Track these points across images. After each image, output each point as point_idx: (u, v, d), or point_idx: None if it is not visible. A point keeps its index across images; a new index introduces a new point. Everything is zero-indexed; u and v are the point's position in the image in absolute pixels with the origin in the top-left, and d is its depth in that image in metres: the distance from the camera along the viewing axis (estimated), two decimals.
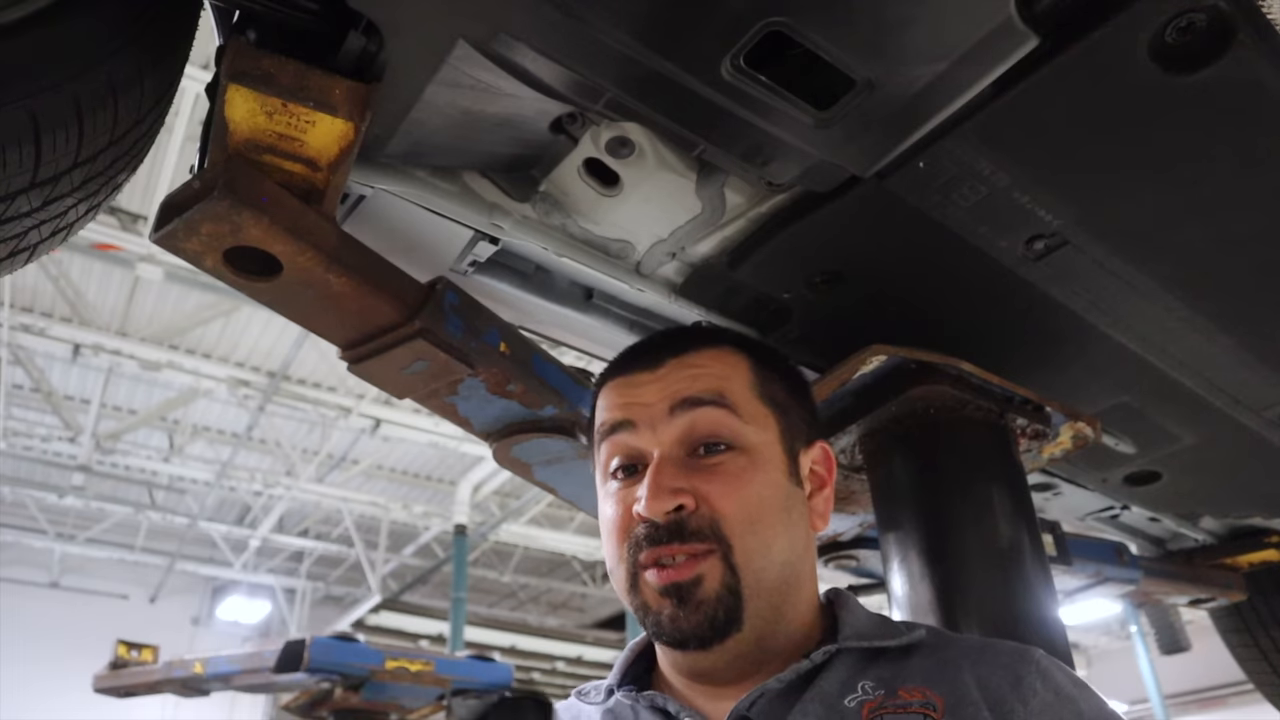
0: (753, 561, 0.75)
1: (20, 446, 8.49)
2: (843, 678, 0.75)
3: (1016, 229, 1.10)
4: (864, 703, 0.72)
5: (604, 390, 0.87)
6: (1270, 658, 2.60)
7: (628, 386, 0.84)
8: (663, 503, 0.75)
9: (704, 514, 0.75)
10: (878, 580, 1.92)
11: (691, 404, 0.79)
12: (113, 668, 5.24)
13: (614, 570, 0.80)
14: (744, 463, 0.79)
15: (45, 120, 0.79)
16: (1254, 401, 1.50)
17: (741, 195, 1.13)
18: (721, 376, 0.82)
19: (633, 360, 0.86)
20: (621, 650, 0.92)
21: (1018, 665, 0.74)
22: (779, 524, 0.79)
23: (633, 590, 0.77)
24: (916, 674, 0.75)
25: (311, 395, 7.68)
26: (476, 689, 4.67)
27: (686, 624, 0.74)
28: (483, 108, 0.96)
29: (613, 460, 0.82)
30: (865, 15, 0.80)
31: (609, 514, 0.80)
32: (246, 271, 0.94)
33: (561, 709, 0.88)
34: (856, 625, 0.80)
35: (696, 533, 0.75)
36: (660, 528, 0.75)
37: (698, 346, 0.85)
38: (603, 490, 0.84)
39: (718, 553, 0.75)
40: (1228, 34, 0.83)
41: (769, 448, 0.81)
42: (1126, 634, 12.26)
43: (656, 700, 0.79)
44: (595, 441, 0.86)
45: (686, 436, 0.79)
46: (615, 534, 0.79)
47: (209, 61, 4.08)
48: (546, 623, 13.31)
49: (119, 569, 11.53)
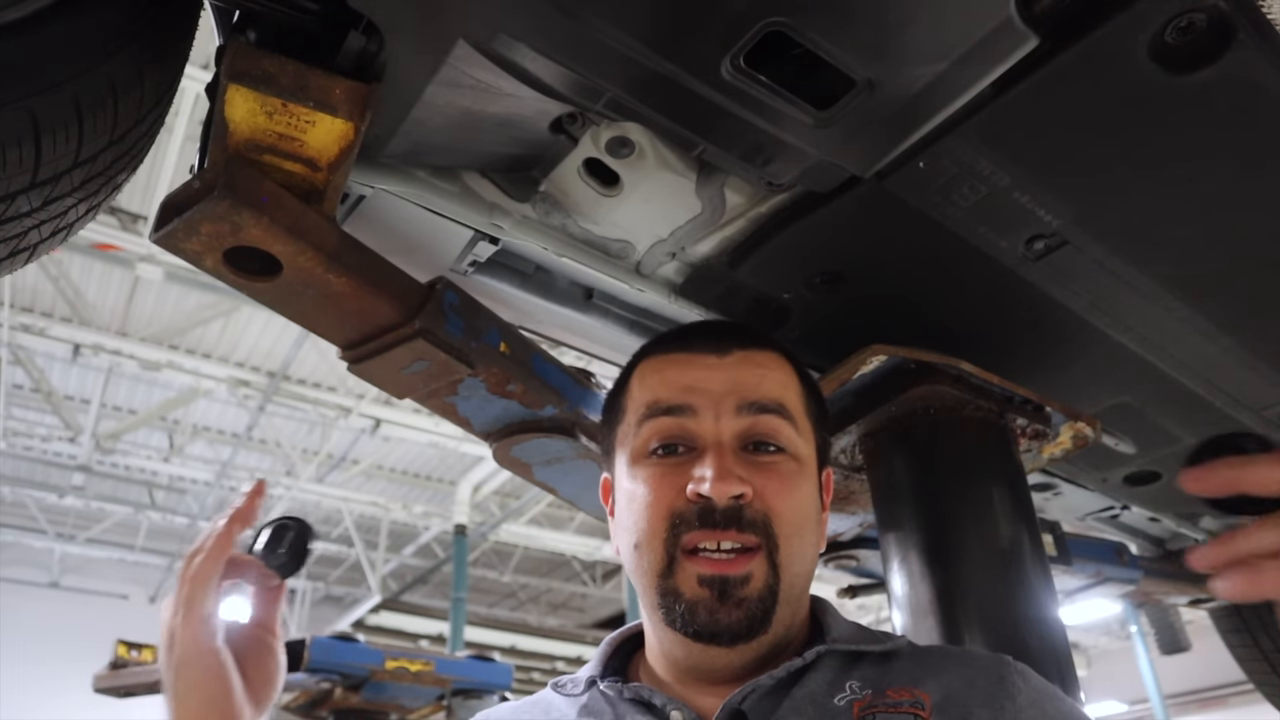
0: (792, 565, 0.77)
1: (20, 446, 8.49)
2: (828, 678, 0.76)
3: (1016, 229, 1.10)
4: (853, 701, 0.73)
5: (653, 364, 0.86)
6: (1270, 658, 2.60)
7: (688, 366, 0.83)
8: (730, 486, 0.74)
9: (759, 508, 0.76)
10: (878, 580, 1.92)
11: (760, 408, 0.80)
12: (113, 668, 5.24)
13: (644, 549, 0.77)
14: (795, 468, 0.80)
15: (45, 120, 0.79)
16: (1254, 401, 1.50)
17: (741, 195, 1.13)
18: (783, 384, 0.83)
19: (694, 340, 0.85)
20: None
21: (998, 667, 0.77)
22: (813, 533, 0.81)
23: (665, 574, 0.75)
24: (901, 676, 0.76)
25: (311, 395, 7.68)
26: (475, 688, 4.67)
27: (726, 618, 0.74)
28: (483, 108, 0.96)
29: (653, 439, 0.80)
30: (865, 15, 0.80)
31: (647, 490, 0.78)
32: (246, 271, 0.94)
33: (530, 703, 0.87)
34: (840, 630, 0.81)
35: (752, 524, 0.75)
36: (717, 511, 0.74)
37: (762, 346, 0.86)
38: (635, 467, 0.81)
39: (763, 550, 0.75)
40: (1228, 34, 0.83)
41: (811, 460, 0.83)
42: (1126, 634, 12.25)
43: (642, 693, 0.78)
44: (636, 420, 0.83)
45: (747, 433, 0.79)
46: (653, 510, 0.77)
47: (209, 61, 4.08)
48: (546, 623, 13.31)
49: (119, 569, 11.53)
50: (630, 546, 0.79)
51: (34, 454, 8.81)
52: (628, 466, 0.82)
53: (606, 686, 0.81)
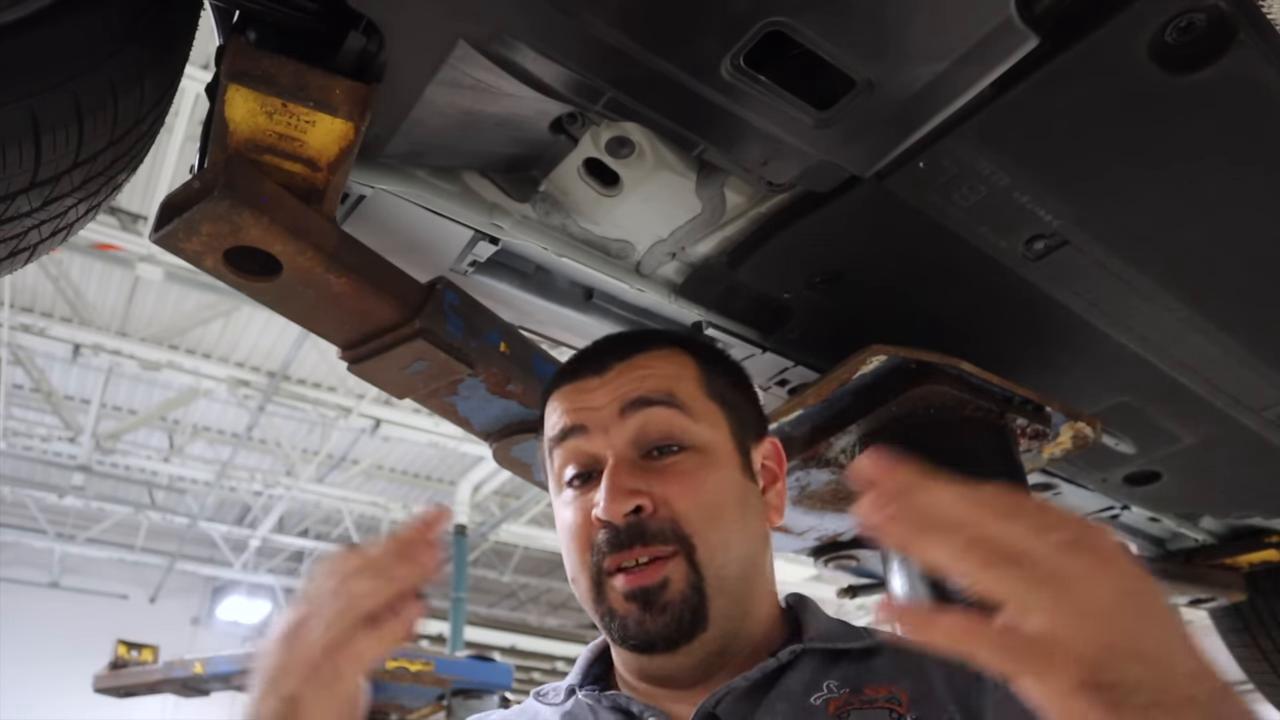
0: (714, 559, 0.75)
1: (20, 446, 8.49)
2: (806, 678, 0.75)
3: (1016, 229, 1.10)
4: (829, 700, 0.73)
5: (551, 399, 0.86)
6: (1270, 658, 2.60)
7: (576, 393, 0.83)
8: (621, 504, 0.74)
9: (663, 515, 0.75)
10: (878, 580, 1.92)
11: (641, 404, 0.79)
12: (113, 668, 5.24)
13: (577, 579, 0.79)
14: (698, 461, 0.78)
15: (45, 120, 0.79)
16: (1254, 401, 1.50)
17: (741, 195, 1.13)
18: (669, 376, 0.82)
19: (579, 367, 0.85)
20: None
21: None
22: (736, 520, 0.79)
23: (597, 598, 0.76)
24: (880, 673, 0.75)
25: (311, 395, 7.68)
26: (475, 688, 4.67)
27: (654, 626, 0.73)
28: (483, 108, 0.96)
29: (566, 469, 0.81)
30: (865, 15, 0.80)
31: (567, 521, 0.80)
32: (246, 271, 0.94)
33: (517, 712, 0.87)
34: (820, 627, 0.81)
35: (658, 534, 0.74)
36: (621, 531, 0.74)
37: (643, 349, 0.84)
38: (559, 500, 0.83)
39: (680, 554, 0.74)
40: (1228, 34, 0.83)
41: (721, 445, 0.81)
42: None
43: (619, 700, 0.78)
44: (547, 451, 0.85)
45: (639, 438, 0.79)
46: (575, 541, 0.78)
47: (209, 61, 4.08)
48: (546, 623, 13.30)
49: (119, 569, 11.53)
50: (573, 575, 0.80)
51: (34, 454, 8.80)
52: (556, 499, 0.84)
53: (585, 695, 0.82)
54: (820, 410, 1.33)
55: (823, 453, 1.42)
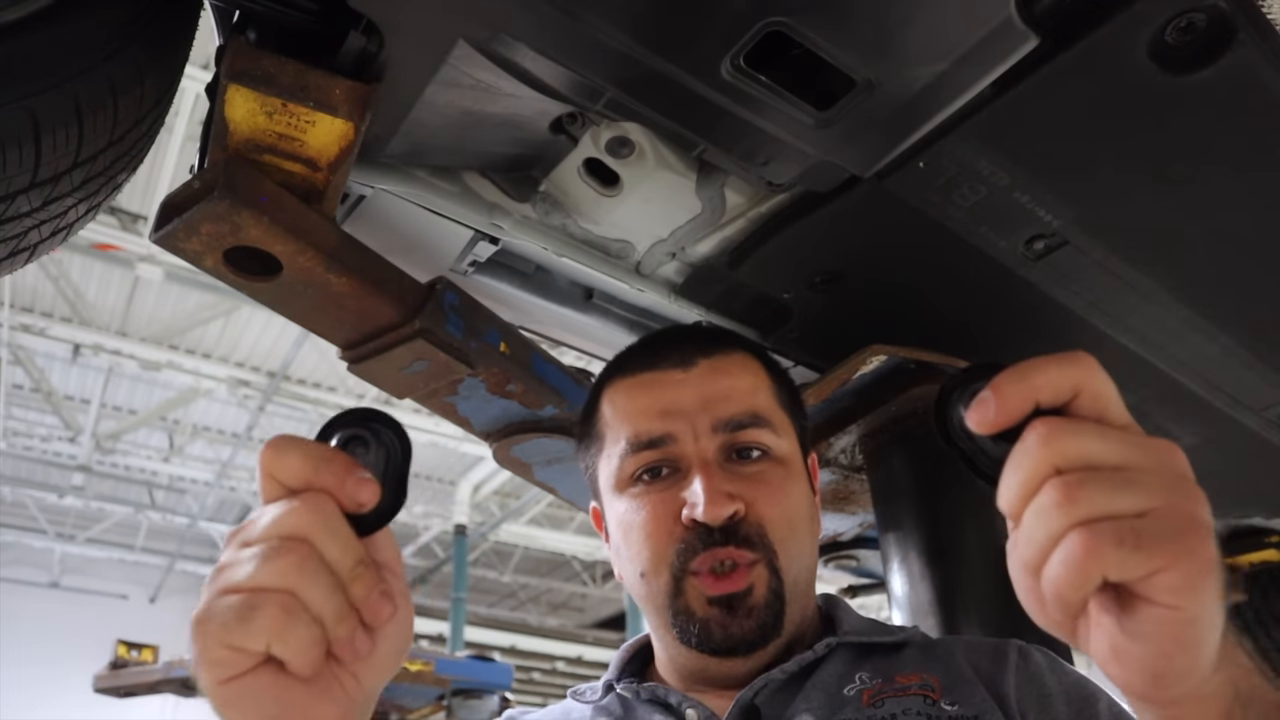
0: (792, 567, 0.78)
1: (20, 446, 8.49)
2: (839, 670, 0.77)
3: (1016, 229, 1.10)
4: (863, 690, 0.75)
5: (622, 386, 0.86)
6: (1270, 658, 2.60)
7: (656, 387, 0.83)
8: (723, 508, 0.75)
9: (753, 520, 0.77)
10: (878, 580, 1.92)
11: (736, 426, 0.80)
12: (113, 668, 5.25)
13: (651, 577, 0.78)
14: (782, 472, 0.81)
15: (45, 120, 0.79)
16: (1254, 401, 1.50)
17: (741, 195, 1.13)
18: (755, 389, 0.84)
19: (658, 356, 0.86)
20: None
21: (1002, 647, 0.79)
22: (808, 531, 0.82)
23: (675, 596, 0.77)
24: (910, 664, 0.78)
25: (311, 395, 7.68)
26: (475, 688, 4.67)
27: (739, 630, 0.75)
28: (483, 108, 0.96)
29: (638, 468, 0.81)
30: (865, 15, 0.80)
31: (640, 518, 0.79)
32: (246, 271, 0.94)
33: (558, 711, 0.88)
34: (852, 623, 0.83)
35: (747, 539, 0.76)
36: (714, 532, 0.75)
37: (725, 350, 0.86)
38: (617, 494, 0.82)
39: (764, 560, 0.76)
40: (1228, 34, 0.83)
41: (795, 457, 0.84)
42: None
43: (657, 692, 0.80)
44: (606, 444, 0.84)
45: (728, 445, 0.80)
46: (653, 538, 0.78)
47: (209, 61, 4.08)
48: (546, 623, 13.31)
49: (119, 569, 11.53)
50: (636, 575, 0.80)
51: (34, 454, 8.81)
52: (615, 495, 0.83)
53: (624, 688, 0.83)
54: (820, 410, 1.34)
55: (823, 453, 1.43)
